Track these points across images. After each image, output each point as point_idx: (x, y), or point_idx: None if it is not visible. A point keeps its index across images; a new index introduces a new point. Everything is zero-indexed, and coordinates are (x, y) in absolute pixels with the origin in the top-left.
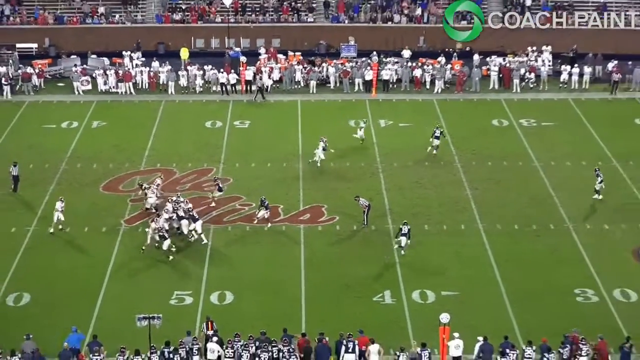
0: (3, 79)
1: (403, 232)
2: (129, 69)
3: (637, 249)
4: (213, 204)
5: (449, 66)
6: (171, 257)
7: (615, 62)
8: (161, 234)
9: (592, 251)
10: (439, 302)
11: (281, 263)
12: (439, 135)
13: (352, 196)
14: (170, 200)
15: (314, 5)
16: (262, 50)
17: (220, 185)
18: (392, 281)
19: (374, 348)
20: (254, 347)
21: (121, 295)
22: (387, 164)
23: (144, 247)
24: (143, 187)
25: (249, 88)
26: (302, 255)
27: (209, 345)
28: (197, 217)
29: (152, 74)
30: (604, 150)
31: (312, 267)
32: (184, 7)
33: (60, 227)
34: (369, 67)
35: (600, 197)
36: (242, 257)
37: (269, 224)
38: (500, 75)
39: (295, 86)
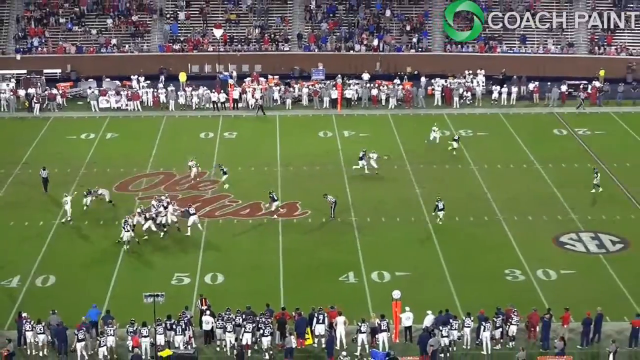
0: (34, 98)
1: (439, 207)
2: (136, 90)
3: (556, 236)
4: (275, 217)
5: (401, 86)
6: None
7: (537, 83)
8: (127, 228)
9: (519, 238)
10: (393, 281)
11: (263, 250)
12: (457, 139)
13: (321, 194)
14: (156, 198)
15: (289, 37)
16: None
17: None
18: (355, 264)
19: (340, 319)
20: (240, 319)
21: (131, 277)
22: (349, 167)
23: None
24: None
25: (236, 105)
26: (280, 243)
27: (204, 317)
28: (192, 212)
29: (155, 93)
30: (528, 156)
31: (289, 253)
32: (182, 38)
33: (64, 220)
34: (334, 88)
35: (600, 189)
36: (231, 245)
37: (275, 216)
38: (443, 94)
39: (274, 104)
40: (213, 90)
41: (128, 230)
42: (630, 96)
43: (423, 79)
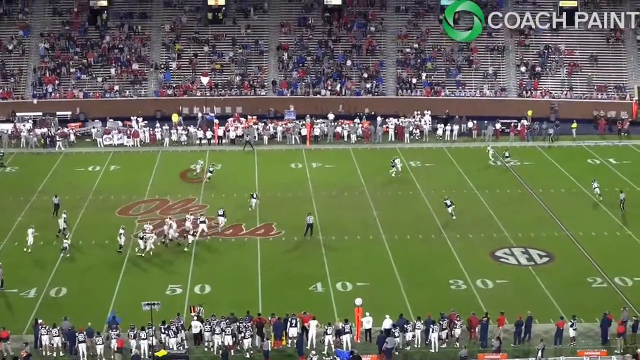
0: (51, 136)
1: (448, 204)
2: (135, 129)
3: (492, 251)
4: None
5: (360, 125)
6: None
7: (475, 121)
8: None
9: (461, 253)
10: (355, 290)
11: (244, 264)
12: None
13: (294, 216)
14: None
15: (265, 83)
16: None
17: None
18: (322, 276)
19: (313, 323)
20: (224, 324)
21: (131, 288)
22: (317, 193)
23: (142, 254)
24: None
25: (220, 141)
26: (258, 258)
27: (193, 322)
28: (202, 220)
29: (152, 132)
30: (468, 183)
31: (266, 267)
32: (174, 85)
33: (25, 249)
34: (304, 126)
35: (601, 198)
36: (217, 260)
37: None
38: (396, 131)
39: (254, 140)
40: (200, 129)
41: (143, 238)
42: (553, 133)
43: (379, 119)
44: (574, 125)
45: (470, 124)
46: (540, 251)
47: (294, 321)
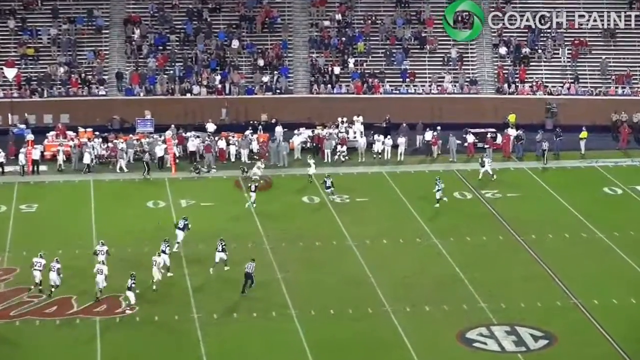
0: None
1: (439, 187)
2: None
3: (461, 331)
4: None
5: (255, 138)
6: None
7: (434, 132)
8: None
9: (414, 335)
10: None
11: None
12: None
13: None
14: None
15: (106, 77)
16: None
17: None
18: None
19: None
20: None
21: None
22: (189, 247)
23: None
24: None
25: (35, 168)
26: (98, 356)
27: None
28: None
29: None
30: (423, 226)
31: None
32: None
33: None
34: (164, 143)
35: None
36: (28, 353)
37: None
38: (313, 145)
39: (92, 163)
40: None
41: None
42: (551, 148)
43: (279, 129)
44: (583, 135)
45: (427, 136)
46: (535, 330)
47: None
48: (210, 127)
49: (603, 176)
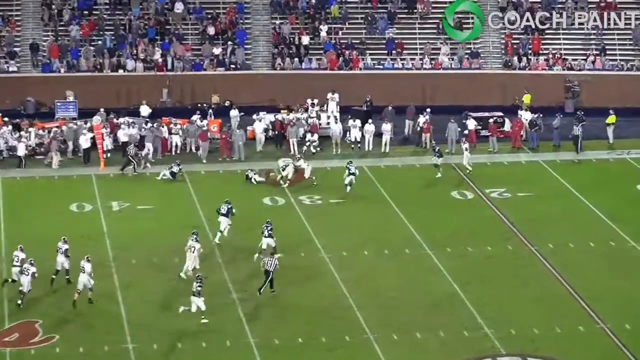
0: None
1: (436, 151)
2: None
3: None
4: None
5: (205, 125)
6: None
7: (427, 116)
8: None
9: None
10: None
11: None
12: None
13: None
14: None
15: (18, 49)
16: None
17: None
18: None
19: None
20: None
21: None
22: (122, 261)
23: None
24: None
25: None
26: None
27: None
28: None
29: None
30: (413, 234)
31: None
32: None
33: None
34: (90, 131)
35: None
36: None
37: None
38: (275, 133)
39: (1, 157)
40: None
41: None
42: (572, 135)
43: (234, 113)
44: (611, 119)
45: (420, 120)
46: None
47: None
48: (145, 110)
49: (636, 170)
